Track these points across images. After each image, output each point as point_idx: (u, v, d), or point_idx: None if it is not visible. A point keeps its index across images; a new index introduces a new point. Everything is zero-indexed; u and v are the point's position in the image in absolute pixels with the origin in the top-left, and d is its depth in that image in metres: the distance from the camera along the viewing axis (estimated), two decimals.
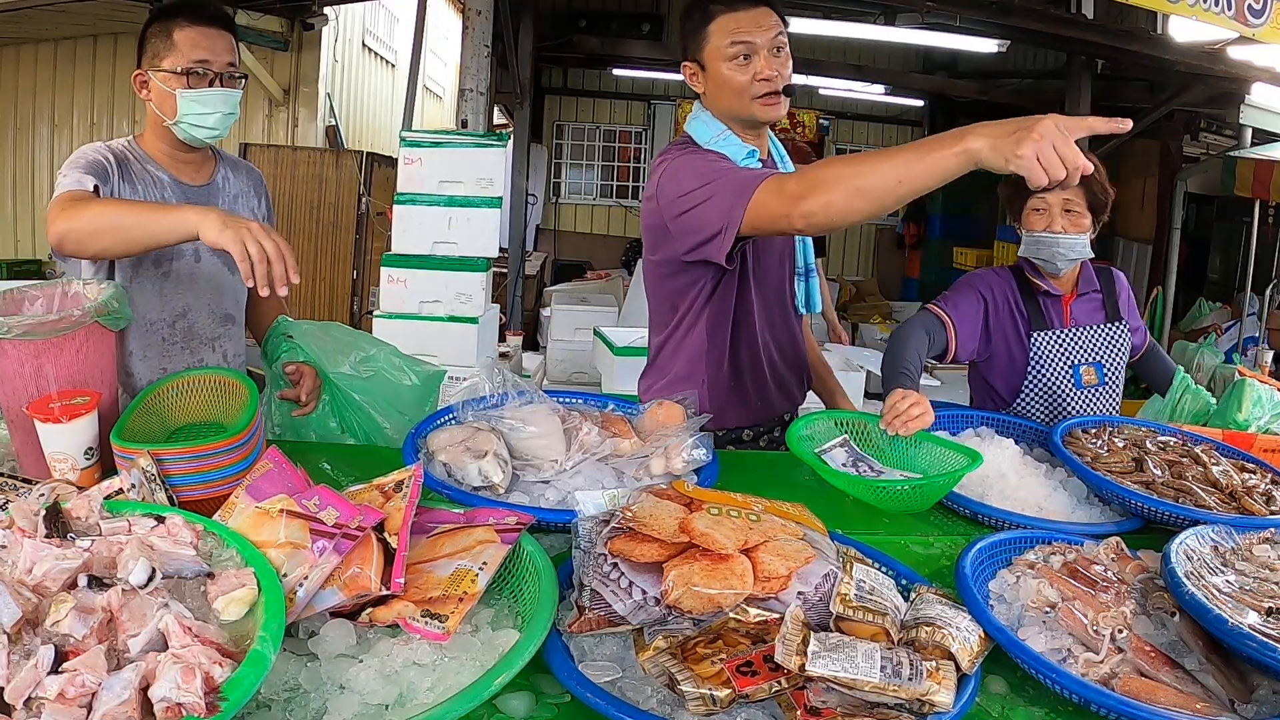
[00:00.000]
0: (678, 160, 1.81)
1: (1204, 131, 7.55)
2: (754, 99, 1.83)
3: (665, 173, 1.81)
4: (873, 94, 9.40)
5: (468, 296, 3.87)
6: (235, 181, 2.04)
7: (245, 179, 2.08)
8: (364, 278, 6.40)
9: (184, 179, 1.93)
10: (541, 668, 1.03)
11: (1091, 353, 2.15)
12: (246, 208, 2.06)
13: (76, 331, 1.44)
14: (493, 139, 4.02)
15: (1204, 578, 1.19)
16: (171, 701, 0.80)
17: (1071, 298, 2.16)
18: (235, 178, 2.05)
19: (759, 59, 1.80)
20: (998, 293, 2.13)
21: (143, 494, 1.23)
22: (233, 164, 2.09)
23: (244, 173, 2.09)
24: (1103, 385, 2.16)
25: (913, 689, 0.97)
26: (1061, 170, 1.23)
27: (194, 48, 1.80)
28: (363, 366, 1.99)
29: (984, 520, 1.60)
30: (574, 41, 8.07)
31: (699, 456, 1.60)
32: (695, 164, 1.77)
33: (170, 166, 1.92)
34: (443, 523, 1.24)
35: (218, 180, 2.00)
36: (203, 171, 1.98)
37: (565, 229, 10.63)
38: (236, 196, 2.03)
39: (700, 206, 1.70)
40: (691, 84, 1.92)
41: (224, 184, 2.01)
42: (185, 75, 1.80)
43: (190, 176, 1.94)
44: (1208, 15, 4.03)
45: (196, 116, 1.83)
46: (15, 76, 6.66)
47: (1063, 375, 2.12)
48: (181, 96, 1.81)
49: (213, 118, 1.84)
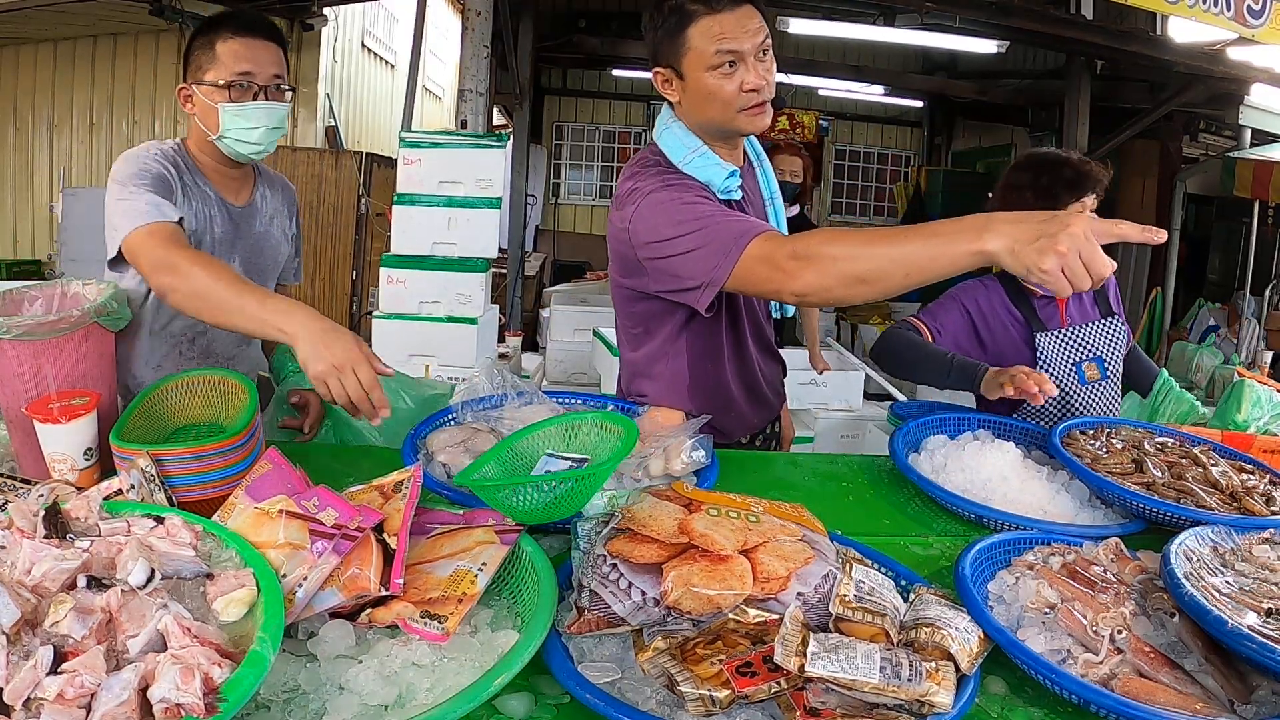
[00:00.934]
0: (652, 198, 1.64)
1: (1203, 132, 7.57)
2: (740, 110, 1.67)
3: (639, 211, 1.64)
4: (872, 94, 9.42)
5: (467, 297, 3.86)
6: (271, 200, 2.01)
7: (280, 197, 2.04)
8: (363, 278, 6.41)
9: (228, 197, 1.89)
10: (541, 669, 1.03)
11: (1092, 349, 2.18)
12: (280, 230, 2.02)
13: (76, 332, 1.44)
14: (492, 139, 4.02)
15: (1203, 578, 1.19)
16: (171, 702, 0.80)
17: (1064, 299, 2.19)
18: (272, 196, 2.01)
19: (745, 67, 1.64)
20: (983, 303, 2.13)
21: (142, 494, 1.23)
22: (270, 180, 2.04)
23: (279, 190, 2.05)
24: (1105, 380, 2.19)
25: (912, 690, 0.97)
26: (1087, 281, 1.12)
27: (237, 60, 1.75)
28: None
29: (986, 523, 1.60)
30: (574, 42, 8.08)
31: (698, 458, 1.60)
32: (672, 207, 1.61)
33: (217, 182, 1.87)
34: (442, 523, 1.24)
35: (256, 200, 1.96)
36: (244, 190, 1.94)
37: (565, 229, 10.64)
38: (272, 217, 2.00)
39: (681, 257, 1.57)
40: (664, 92, 1.75)
41: (261, 204, 1.97)
42: (227, 88, 1.75)
43: (234, 195, 1.91)
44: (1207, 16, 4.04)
45: (240, 131, 1.78)
46: (15, 76, 6.67)
47: (1068, 373, 2.14)
48: (224, 110, 1.76)
49: (256, 132, 1.79)
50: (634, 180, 1.73)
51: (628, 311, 1.87)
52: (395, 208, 3.91)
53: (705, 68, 1.65)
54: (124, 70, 6.77)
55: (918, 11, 5.77)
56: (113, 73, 6.75)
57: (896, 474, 1.82)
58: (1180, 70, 5.74)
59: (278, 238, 2.03)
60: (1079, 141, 6.66)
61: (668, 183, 1.67)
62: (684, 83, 1.70)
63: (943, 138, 10.60)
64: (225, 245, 1.89)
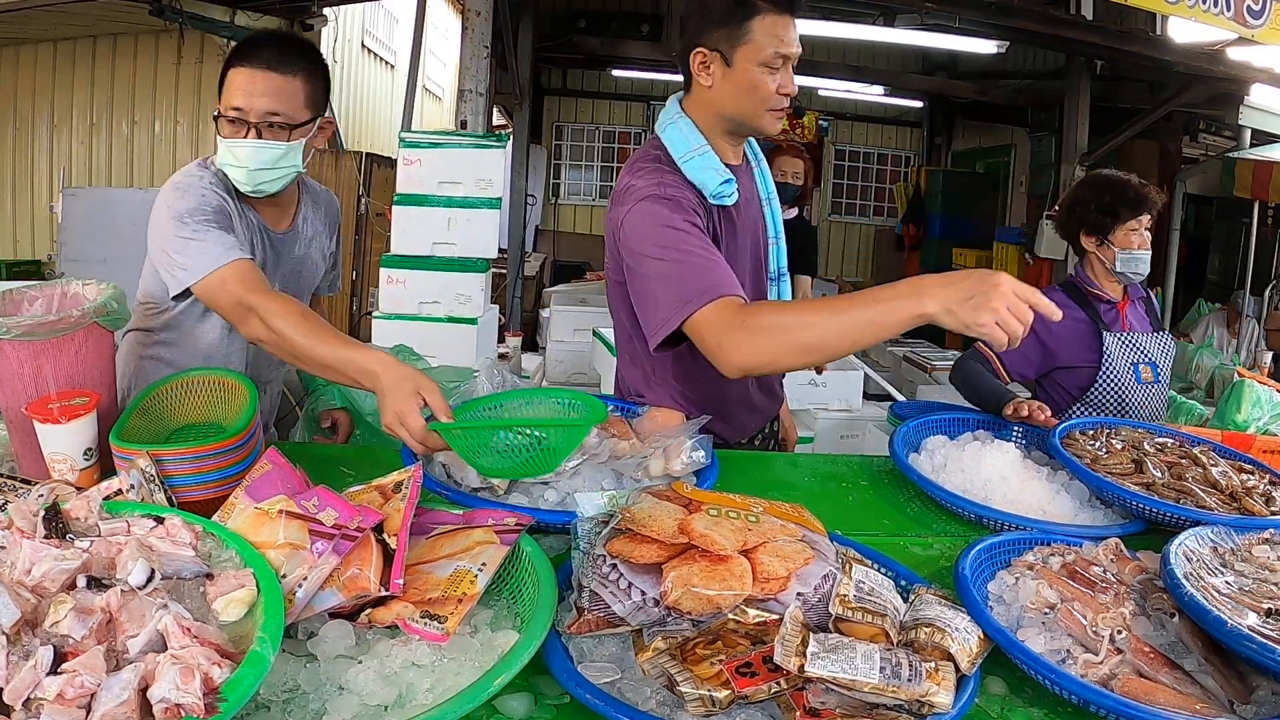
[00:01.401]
0: (644, 207, 1.66)
1: (1203, 132, 7.56)
2: (769, 110, 1.73)
3: (630, 214, 1.67)
4: (872, 95, 9.42)
5: (467, 297, 3.86)
6: (314, 221, 1.95)
7: (323, 216, 1.99)
8: (363, 278, 6.40)
9: (270, 224, 1.83)
10: (541, 669, 1.03)
11: (1147, 354, 2.40)
12: (319, 250, 1.96)
13: (76, 332, 1.44)
14: (492, 140, 4.02)
15: (1203, 579, 1.19)
16: (170, 702, 0.80)
17: (1125, 304, 2.41)
18: (314, 217, 1.95)
19: (785, 72, 1.71)
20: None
21: (142, 495, 1.23)
22: (315, 198, 1.97)
23: (323, 207, 1.99)
24: (1157, 383, 2.40)
25: (912, 690, 0.97)
26: (1020, 332, 1.27)
27: (234, 92, 1.66)
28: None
29: (986, 523, 1.60)
30: (573, 42, 8.08)
31: (698, 458, 1.60)
32: (662, 229, 1.63)
33: (259, 208, 1.81)
34: (442, 524, 1.24)
35: (299, 224, 1.89)
36: (286, 215, 1.87)
37: (564, 230, 10.63)
38: (312, 240, 1.94)
39: (648, 284, 1.63)
40: (698, 74, 1.74)
41: (303, 226, 1.91)
42: (220, 121, 1.67)
43: (275, 221, 1.84)
44: (1207, 16, 4.04)
45: (230, 168, 1.70)
46: (15, 76, 6.66)
47: (1126, 372, 2.34)
48: (220, 144, 1.69)
49: (242, 172, 1.68)
50: (632, 175, 1.74)
51: (624, 310, 1.86)
52: (395, 208, 3.91)
53: (758, 62, 1.68)
54: (124, 70, 6.76)
55: (918, 12, 5.78)
56: (113, 73, 6.74)
57: (896, 474, 1.82)
58: (1180, 70, 5.74)
59: (316, 259, 1.98)
60: (1079, 142, 6.66)
61: (663, 193, 1.67)
62: (729, 70, 1.71)
63: (943, 138, 10.60)
64: (267, 271, 1.81)
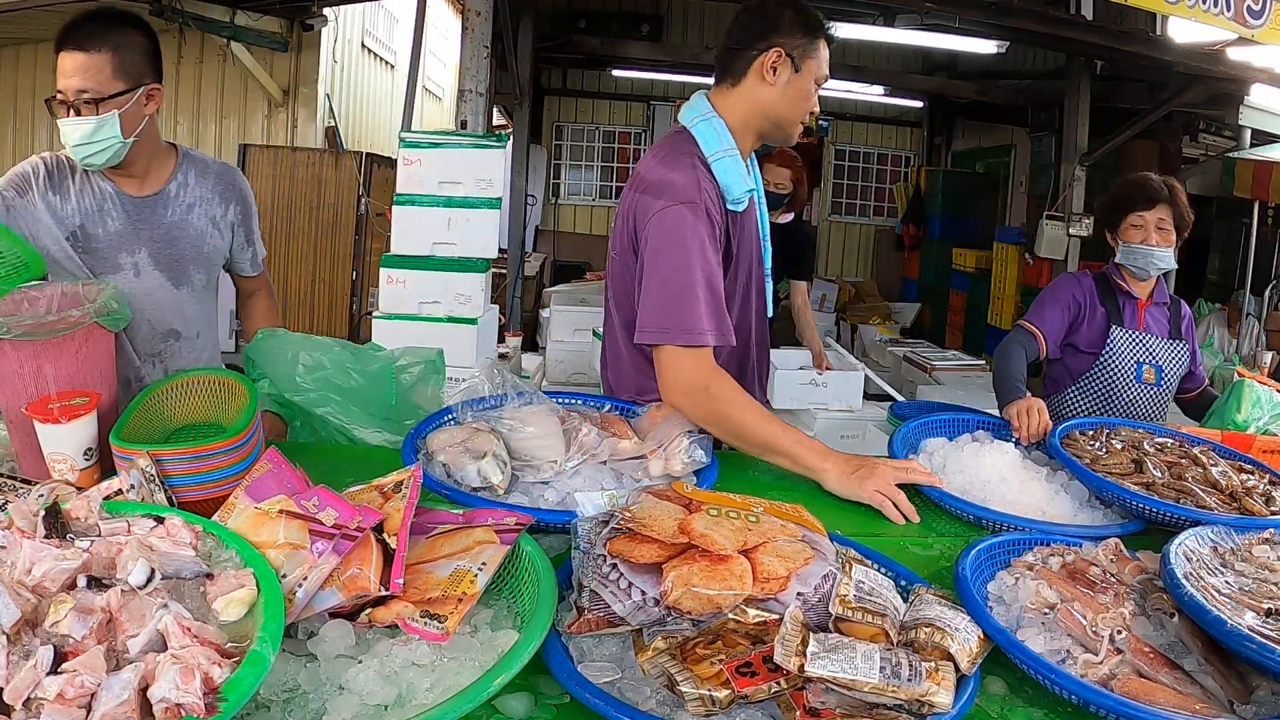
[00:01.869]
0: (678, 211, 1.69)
1: (1203, 132, 7.56)
2: (799, 123, 1.87)
3: (666, 214, 1.69)
4: (872, 95, 9.41)
5: (467, 297, 3.86)
6: (196, 188, 1.97)
7: (211, 184, 2.00)
8: (363, 278, 6.41)
9: (129, 190, 1.90)
10: (541, 668, 1.03)
11: (1154, 356, 2.45)
12: (205, 215, 1.99)
13: (76, 332, 1.44)
14: (492, 140, 4.01)
15: (1203, 579, 1.19)
16: (171, 702, 0.80)
17: (1146, 304, 2.48)
18: (197, 184, 1.98)
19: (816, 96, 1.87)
20: (1082, 295, 2.47)
21: (142, 494, 1.23)
22: (201, 168, 2.01)
23: (212, 177, 2.01)
24: (1159, 386, 2.45)
25: (912, 690, 0.97)
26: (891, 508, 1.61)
27: (60, 75, 1.76)
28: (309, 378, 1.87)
29: (986, 524, 1.60)
30: (573, 42, 8.07)
31: (698, 458, 1.60)
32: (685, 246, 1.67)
33: (115, 178, 1.89)
34: (442, 523, 1.24)
35: (170, 189, 1.94)
36: (151, 181, 1.93)
37: (564, 230, 10.62)
38: (192, 205, 1.97)
39: (651, 287, 1.70)
40: (763, 70, 1.77)
41: (179, 192, 1.95)
42: (49, 105, 1.78)
43: (136, 188, 1.91)
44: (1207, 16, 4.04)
45: (73, 147, 1.79)
46: (15, 76, 6.67)
47: (1128, 368, 2.42)
48: (60, 124, 1.78)
49: (83, 148, 1.78)
50: (667, 168, 1.75)
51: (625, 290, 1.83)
52: (395, 208, 3.91)
53: (814, 77, 1.82)
54: None
55: (918, 12, 5.77)
56: None
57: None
58: (1180, 70, 5.73)
59: (200, 226, 1.98)
60: (1079, 142, 6.66)
61: (699, 198, 1.71)
62: (795, 76, 1.80)
63: (943, 138, 10.59)
64: (126, 238, 1.89)
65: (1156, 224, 2.39)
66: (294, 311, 6.28)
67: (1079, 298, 2.46)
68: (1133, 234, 2.41)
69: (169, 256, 1.95)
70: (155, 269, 1.93)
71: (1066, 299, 2.47)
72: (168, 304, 1.97)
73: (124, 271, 1.89)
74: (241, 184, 2.07)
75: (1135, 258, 2.42)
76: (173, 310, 1.98)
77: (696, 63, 7.89)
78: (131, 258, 1.90)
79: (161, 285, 1.94)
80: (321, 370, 1.87)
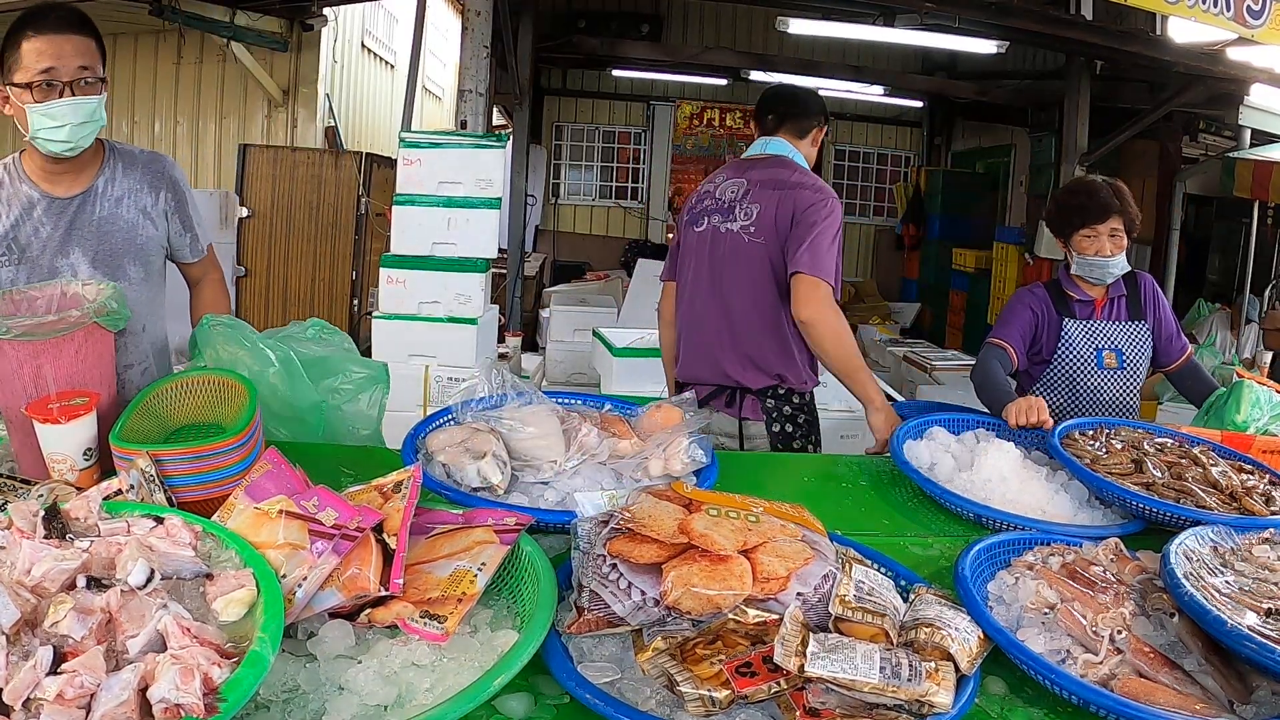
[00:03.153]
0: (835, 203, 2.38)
1: (1203, 132, 7.55)
2: None
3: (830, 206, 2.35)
4: (872, 95, 9.40)
5: (467, 297, 3.85)
6: (123, 181, 1.94)
7: (139, 174, 1.97)
8: (363, 278, 6.41)
9: (55, 192, 1.87)
10: (540, 669, 1.03)
11: (1113, 341, 2.46)
12: (134, 206, 1.95)
13: (75, 332, 1.44)
14: (492, 140, 4.01)
15: (1203, 578, 1.19)
16: (170, 702, 0.80)
17: (1102, 302, 2.48)
18: (124, 176, 1.94)
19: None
20: (1041, 304, 2.52)
21: (141, 495, 1.23)
22: (128, 160, 1.98)
23: (139, 168, 1.97)
24: (1122, 369, 2.45)
25: (912, 690, 0.97)
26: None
27: (40, 58, 1.73)
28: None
29: (986, 523, 1.60)
30: (573, 42, 8.07)
31: (698, 458, 1.60)
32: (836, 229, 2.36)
33: (41, 181, 1.86)
34: (441, 523, 1.24)
35: (98, 185, 1.91)
36: (80, 180, 1.89)
37: (564, 230, 10.62)
38: (120, 199, 1.93)
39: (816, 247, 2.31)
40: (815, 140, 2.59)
41: (106, 187, 1.92)
42: (30, 89, 1.73)
43: (64, 189, 1.88)
44: (1206, 16, 4.03)
45: (48, 131, 1.76)
46: None
47: (1088, 357, 2.45)
48: (31, 111, 1.75)
49: (64, 130, 1.76)
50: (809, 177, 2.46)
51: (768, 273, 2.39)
52: (395, 208, 3.91)
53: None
54: (124, 70, 6.76)
55: (917, 12, 5.77)
56: (113, 73, 6.68)
57: (896, 474, 1.82)
58: (1180, 70, 5.73)
59: (131, 218, 1.95)
60: (1079, 142, 6.65)
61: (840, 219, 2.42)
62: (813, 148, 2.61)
63: (942, 138, 10.59)
64: (59, 242, 1.86)
65: (1109, 233, 2.40)
66: (294, 311, 6.27)
67: (1035, 308, 2.50)
68: (1086, 245, 2.42)
69: (102, 253, 1.91)
70: (92, 269, 1.88)
71: (1026, 311, 2.50)
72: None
73: (61, 275, 1.84)
74: (171, 170, 2.04)
75: (1091, 269, 2.43)
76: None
77: (696, 62, 7.90)
78: (67, 259, 1.87)
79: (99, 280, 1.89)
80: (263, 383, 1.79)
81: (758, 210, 2.38)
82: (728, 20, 9.54)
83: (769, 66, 7.93)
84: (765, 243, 2.36)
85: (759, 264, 2.38)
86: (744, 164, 2.54)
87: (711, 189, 2.54)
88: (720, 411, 2.47)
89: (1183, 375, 2.53)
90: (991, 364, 2.37)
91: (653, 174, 10.45)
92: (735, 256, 2.41)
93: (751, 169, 2.48)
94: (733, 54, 8.24)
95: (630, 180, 10.55)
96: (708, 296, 2.46)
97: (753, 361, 2.41)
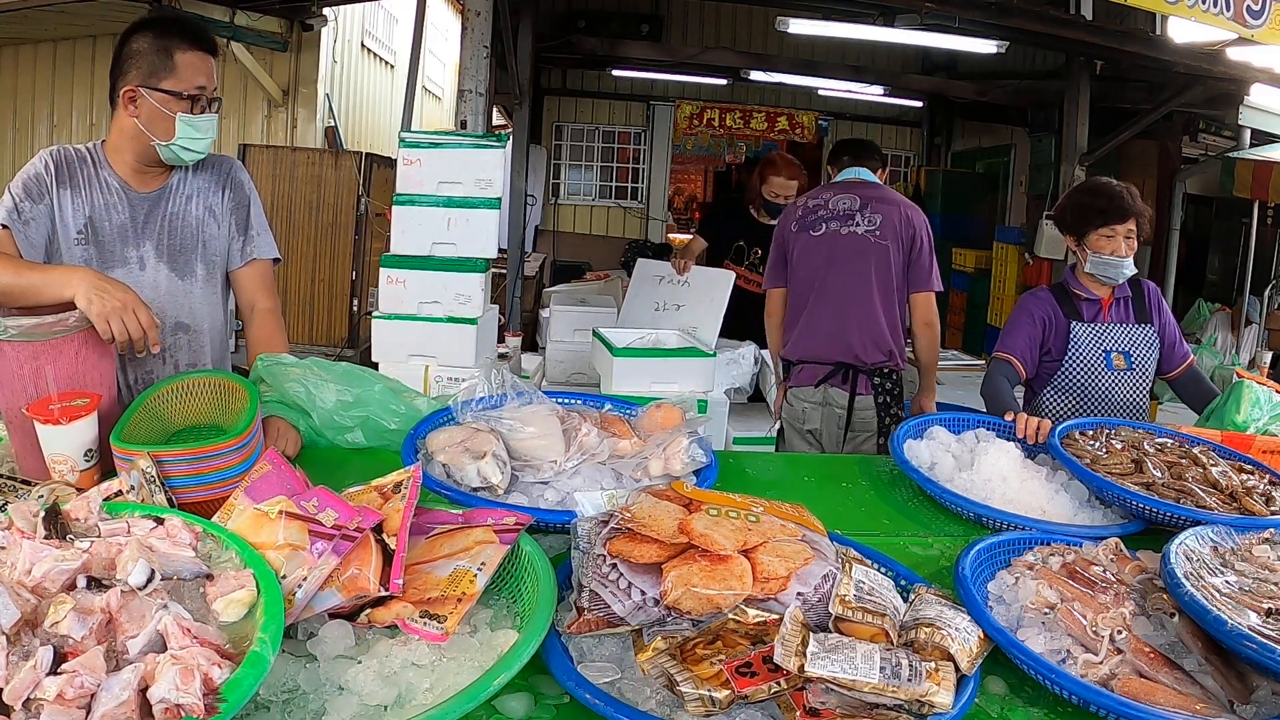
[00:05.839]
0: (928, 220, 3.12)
1: (1203, 132, 7.55)
2: None
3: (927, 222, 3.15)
4: (871, 95, 9.39)
5: (467, 297, 3.85)
6: (194, 180, 2.01)
7: (209, 175, 2.05)
8: (363, 278, 6.40)
9: (135, 186, 1.93)
10: (540, 669, 1.03)
11: (1121, 343, 2.49)
12: (203, 205, 2.02)
13: (76, 334, 1.44)
14: (492, 140, 4.01)
15: (1203, 578, 1.19)
16: (170, 702, 0.80)
17: (1109, 302, 2.50)
18: (195, 176, 2.02)
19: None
20: (1048, 308, 2.55)
21: (142, 495, 1.23)
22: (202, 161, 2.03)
23: (210, 168, 2.05)
24: (1131, 370, 2.49)
25: (912, 690, 0.97)
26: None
27: (196, 73, 1.83)
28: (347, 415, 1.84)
29: (985, 522, 1.60)
30: (573, 42, 8.06)
31: (698, 458, 1.60)
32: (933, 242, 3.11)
33: (127, 175, 1.93)
34: (441, 523, 1.24)
35: (172, 183, 1.98)
36: (160, 178, 1.97)
37: (564, 230, 10.62)
38: (190, 197, 2.00)
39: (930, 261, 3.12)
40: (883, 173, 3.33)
41: (179, 185, 1.99)
42: (189, 100, 1.83)
43: (144, 185, 1.95)
44: (1206, 16, 4.03)
45: (190, 140, 1.86)
46: (15, 76, 6.67)
47: (1097, 358, 2.48)
48: (181, 120, 1.83)
49: (203, 142, 1.89)
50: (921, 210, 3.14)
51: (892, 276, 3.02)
52: (394, 208, 3.90)
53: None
54: None
55: (917, 12, 5.76)
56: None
57: (896, 474, 1.82)
58: (1180, 71, 5.73)
59: (199, 216, 2.01)
60: (1079, 142, 6.65)
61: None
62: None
63: (942, 138, 10.58)
64: (131, 231, 1.93)
65: (1126, 235, 2.44)
66: (293, 311, 6.27)
67: (1042, 314, 2.53)
68: (1103, 244, 2.45)
69: (172, 248, 1.97)
70: (160, 261, 1.94)
71: (1032, 318, 2.53)
72: (174, 297, 1.97)
73: (130, 265, 1.91)
74: (235, 172, 2.10)
75: (1106, 269, 2.46)
76: (179, 304, 1.99)
77: (696, 63, 7.89)
78: (136, 251, 1.92)
79: (167, 278, 1.95)
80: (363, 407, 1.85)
81: (880, 219, 3.02)
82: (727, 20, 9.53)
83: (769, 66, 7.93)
84: (890, 243, 3.00)
85: (881, 260, 2.99)
86: (842, 185, 3.17)
87: (823, 202, 3.12)
88: (835, 387, 3.00)
89: (1185, 382, 2.57)
90: (998, 380, 2.42)
91: (653, 174, 10.45)
92: (861, 254, 3.00)
93: (854, 189, 3.12)
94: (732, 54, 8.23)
95: (630, 180, 10.54)
96: (836, 286, 3.00)
97: (873, 340, 2.98)
